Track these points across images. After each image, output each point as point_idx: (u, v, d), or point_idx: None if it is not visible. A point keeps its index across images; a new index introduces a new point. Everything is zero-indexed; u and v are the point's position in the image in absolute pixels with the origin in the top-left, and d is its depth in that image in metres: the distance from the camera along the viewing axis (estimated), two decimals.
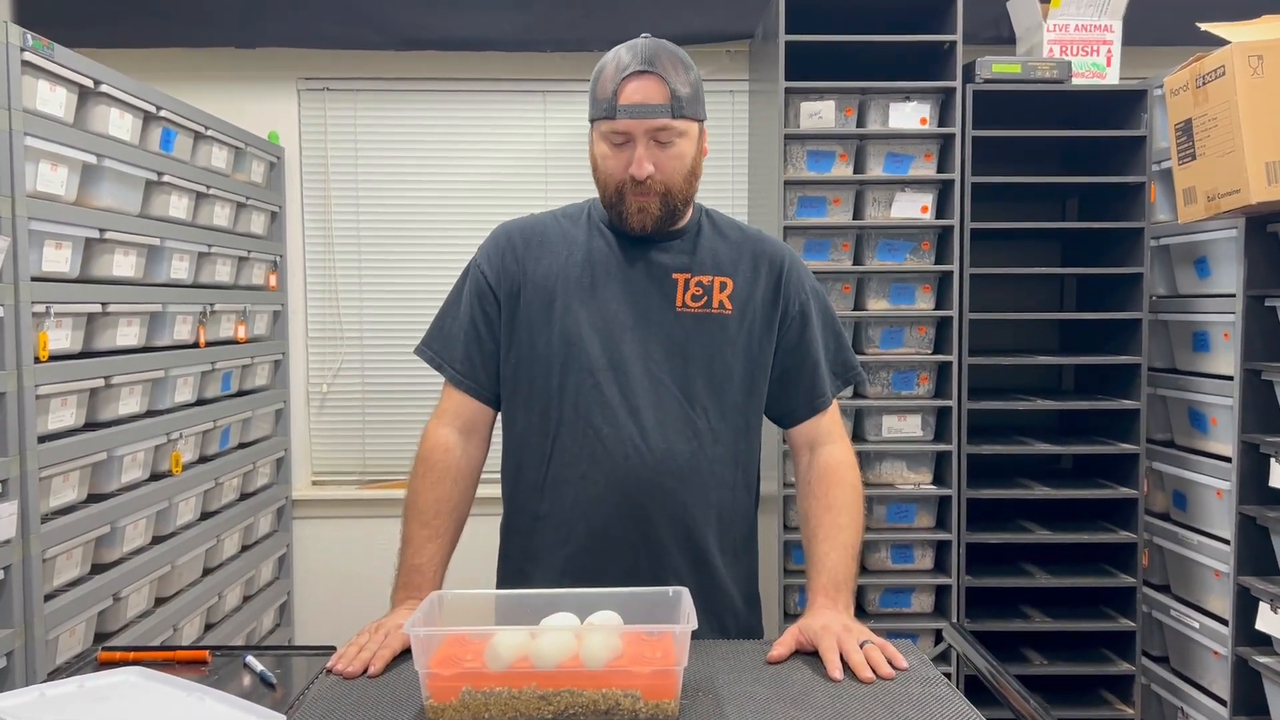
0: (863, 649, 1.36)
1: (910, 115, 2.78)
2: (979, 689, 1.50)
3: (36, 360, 1.93)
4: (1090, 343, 3.07)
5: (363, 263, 3.43)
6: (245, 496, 3.02)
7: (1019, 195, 3.06)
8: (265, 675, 1.36)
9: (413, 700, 1.24)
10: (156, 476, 2.45)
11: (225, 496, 2.86)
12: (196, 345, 2.67)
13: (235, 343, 2.92)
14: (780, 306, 1.58)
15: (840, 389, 1.66)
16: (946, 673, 2.25)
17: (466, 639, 1.25)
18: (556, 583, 1.50)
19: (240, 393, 3.00)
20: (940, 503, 2.85)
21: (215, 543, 2.74)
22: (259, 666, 1.39)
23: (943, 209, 2.82)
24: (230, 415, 2.86)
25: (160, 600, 2.47)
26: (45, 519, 1.98)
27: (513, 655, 1.19)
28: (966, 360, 2.79)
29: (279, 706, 1.22)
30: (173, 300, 2.50)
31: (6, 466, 1.84)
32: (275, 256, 3.26)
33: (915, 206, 2.80)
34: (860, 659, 1.34)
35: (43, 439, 1.97)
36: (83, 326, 2.14)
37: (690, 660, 1.22)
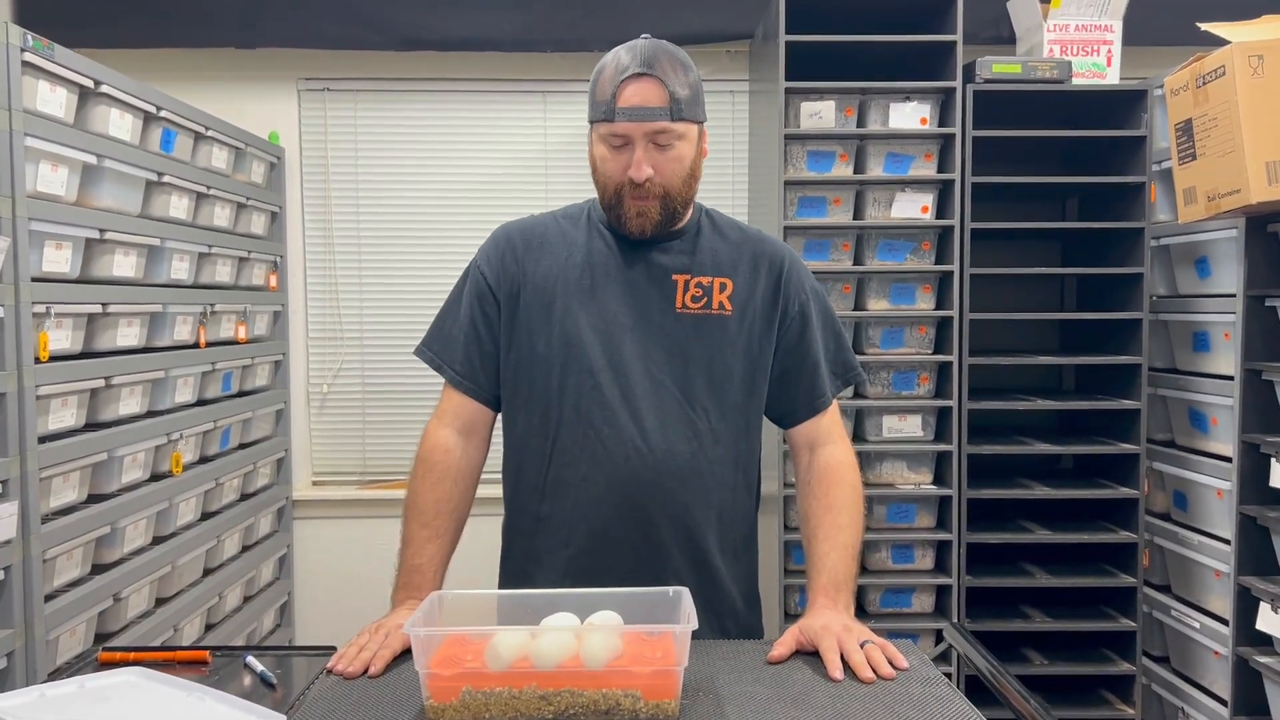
0: (863, 649, 1.36)
1: (910, 115, 2.78)
2: (979, 689, 1.50)
3: (37, 360, 1.93)
4: (1090, 343, 3.07)
5: (363, 263, 3.44)
6: (246, 497, 3.02)
7: (1019, 195, 3.06)
8: (266, 675, 1.36)
9: (413, 700, 1.24)
10: (157, 477, 2.45)
11: (226, 497, 2.86)
12: (197, 345, 2.67)
13: (235, 343, 2.92)
14: (780, 307, 1.58)
15: (840, 389, 1.66)
16: (947, 673, 2.25)
17: (467, 639, 1.25)
18: (558, 584, 1.50)
19: (240, 393, 3.00)
20: (940, 503, 2.86)
21: (216, 543, 2.74)
22: (259, 667, 1.39)
23: (943, 209, 2.82)
24: (231, 416, 2.86)
25: (161, 600, 2.47)
26: (45, 519, 1.98)
27: (513, 655, 1.19)
28: (967, 360, 2.79)
29: (279, 707, 1.22)
30: (173, 301, 2.50)
31: (7, 467, 1.84)
32: (275, 257, 3.26)
33: (915, 206, 2.80)
34: (861, 659, 1.34)
35: (43, 439, 1.97)
36: (83, 327, 2.14)
37: (690, 660, 1.22)
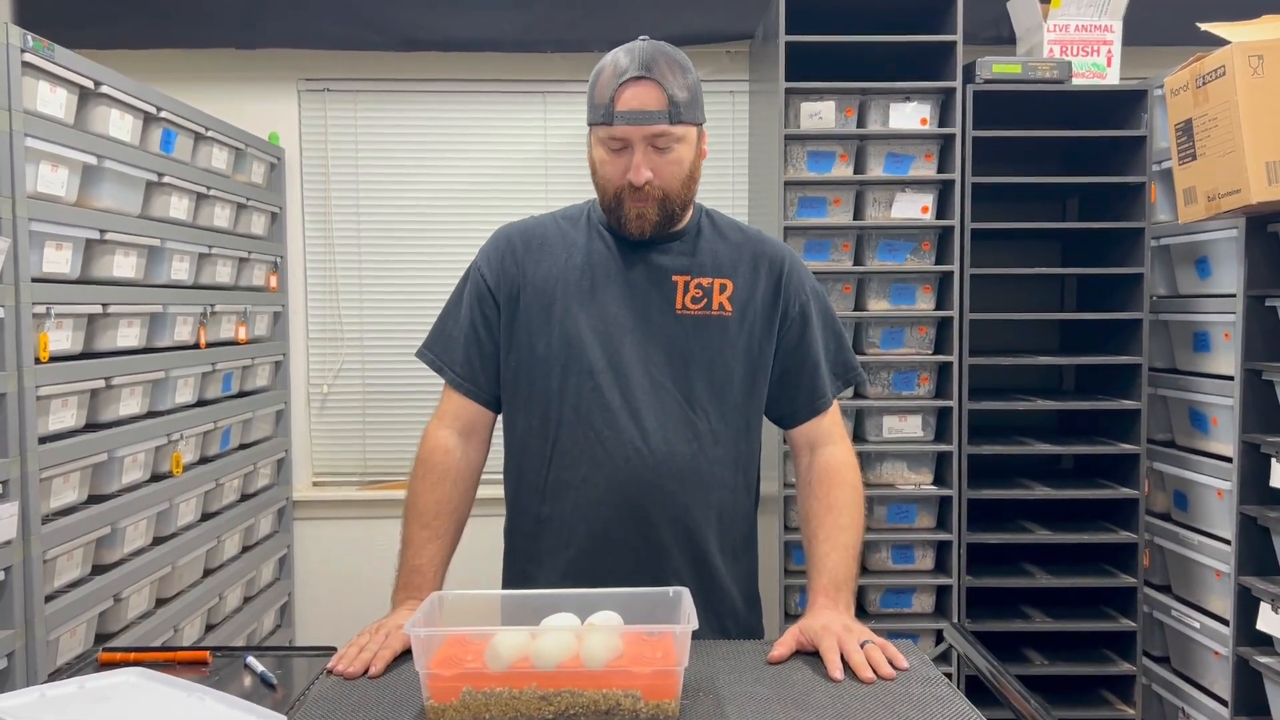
0: (863, 649, 1.36)
1: (910, 115, 2.78)
2: (980, 689, 1.50)
3: (37, 361, 1.93)
4: (1091, 343, 3.07)
5: (363, 263, 3.44)
6: (246, 497, 3.02)
7: (1019, 195, 3.06)
8: (266, 676, 1.36)
9: (413, 701, 1.24)
10: (157, 477, 2.45)
11: (226, 497, 2.86)
12: (197, 346, 2.67)
13: (236, 344, 2.92)
14: (780, 307, 1.58)
15: (841, 390, 1.66)
16: (947, 673, 2.25)
17: (467, 639, 1.25)
18: (559, 584, 1.50)
19: (241, 394, 3.00)
20: (941, 503, 2.85)
21: (216, 543, 2.74)
22: (260, 667, 1.39)
23: (943, 209, 2.82)
24: (231, 416, 2.86)
25: (161, 601, 2.47)
26: (46, 520, 1.98)
27: (513, 655, 1.19)
28: (967, 360, 2.79)
29: (280, 707, 1.22)
30: (173, 301, 2.50)
31: (7, 467, 1.84)
32: (276, 257, 3.26)
33: (915, 207, 2.80)
34: (861, 659, 1.34)
35: (43, 440, 1.97)
36: (83, 327, 2.14)
37: (691, 660, 1.22)
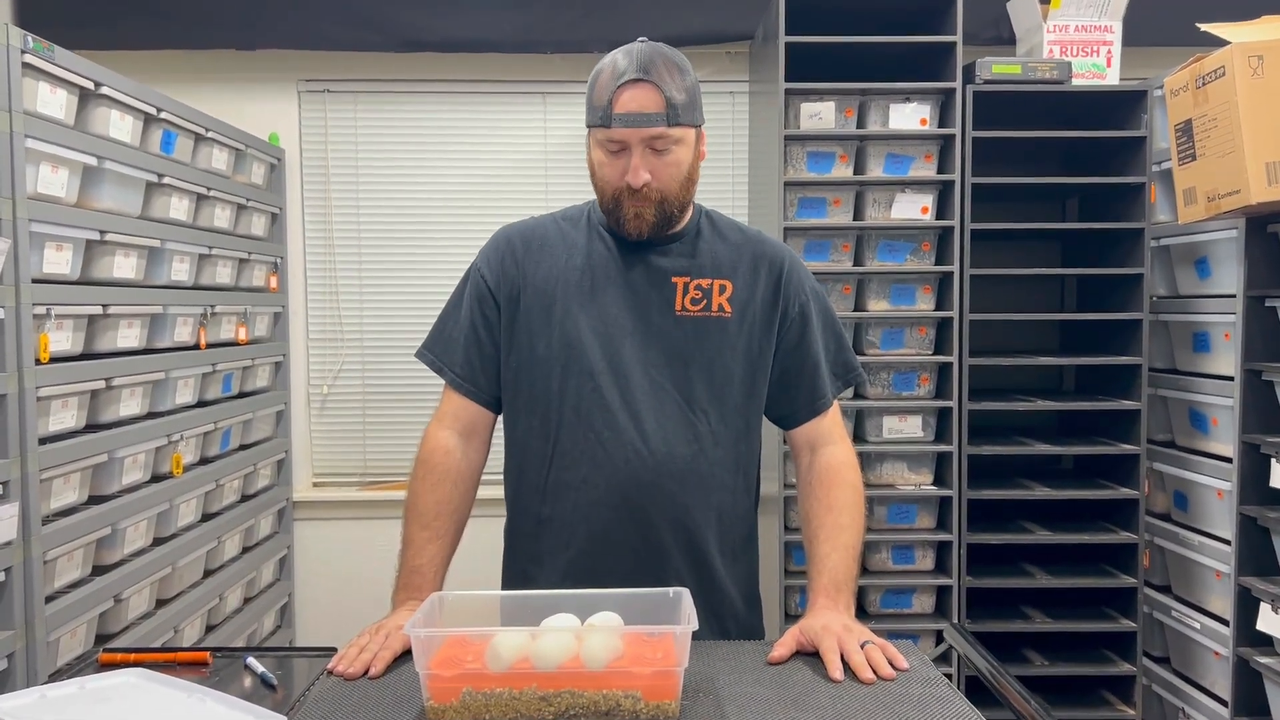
0: (863, 649, 1.36)
1: (910, 116, 2.78)
2: (980, 690, 1.50)
3: (37, 362, 1.93)
4: (1091, 343, 3.07)
5: (363, 264, 3.44)
6: (246, 498, 3.02)
7: (1019, 196, 3.06)
8: (266, 676, 1.36)
9: (413, 701, 1.24)
10: (157, 478, 2.45)
11: (226, 498, 2.86)
12: (197, 347, 2.67)
13: (236, 344, 2.92)
14: (780, 308, 1.58)
15: (841, 390, 1.66)
16: (947, 673, 2.25)
17: (467, 640, 1.25)
18: (559, 585, 1.50)
19: (241, 394, 3.01)
20: (941, 503, 2.85)
21: (216, 544, 2.74)
22: (260, 668, 1.39)
23: (943, 210, 2.82)
24: (231, 417, 2.86)
25: (161, 602, 2.47)
26: (46, 521, 1.98)
27: (513, 656, 1.19)
28: (967, 361, 2.79)
29: (280, 708, 1.22)
30: (173, 302, 2.51)
31: (7, 468, 1.84)
32: (276, 258, 3.27)
33: (915, 207, 2.80)
34: (861, 659, 1.34)
35: (44, 441, 1.97)
36: (83, 328, 2.15)
37: (691, 661, 1.22)
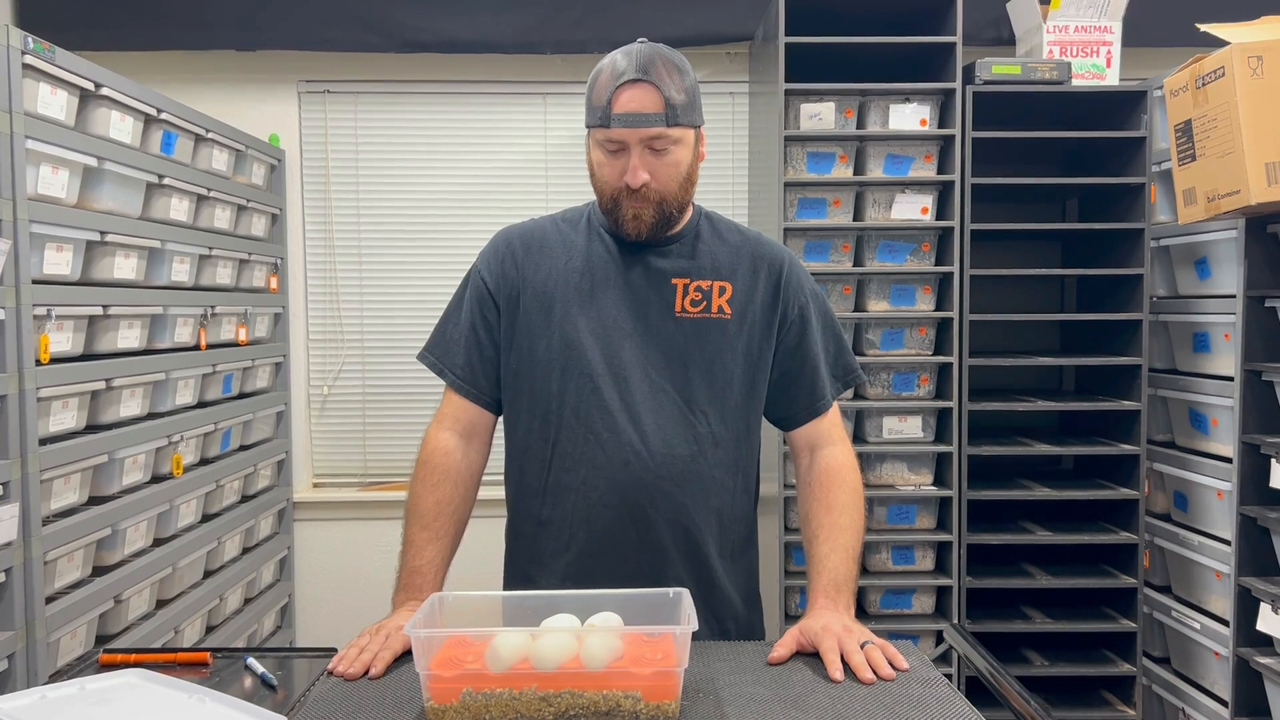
0: (863, 650, 1.36)
1: (910, 116, 2.78)
2: (980, 690, 1.50)
3: (38, 363, 1.93)
4: (1091, 344, 3.07)
5: (363, 265, 3.44)
6: (246, 499, 3.02)
7: (1019, 196, 3.06)
8: (266, 677, 1.37)
9: (413, 702, 1.24)
10: (157, 479, 2.46)
11: (226, 499, 2.86)
12: (197, 348, 2.67)
13: (236, 345, 2.92)
14: (779, 310, 1.58)
15: (840, 391, 1.66)
16: (947, 674, 2.25)
17: (467, 640, 1.25)
18: (559, 586, 1.50)
19: (241, 395, 3.01)
20: (941, 504, 2.86)
21: (216, 545, 2.74)
22: (260, 668, 1.39)
23: (943, 210, 2.82)
24: (231, 418, 2.86)
25: (161, 602, 2.47)
26: (46, 521, 1.98)
27: (513, 657, 1.19)
28: (967, 361, 2.79)
29: (280, 708, 1.22)
30: (174, 303, 2.51)
31: (8, 469, 1.84)
32: (276, 259, 3.27)
33: (915, 208, 2.80)
34: (861, 660, 1.34)
35: (44, 441, 1.97)
36: (84, 329, 2.15)
37: (691, 661, 1.22)
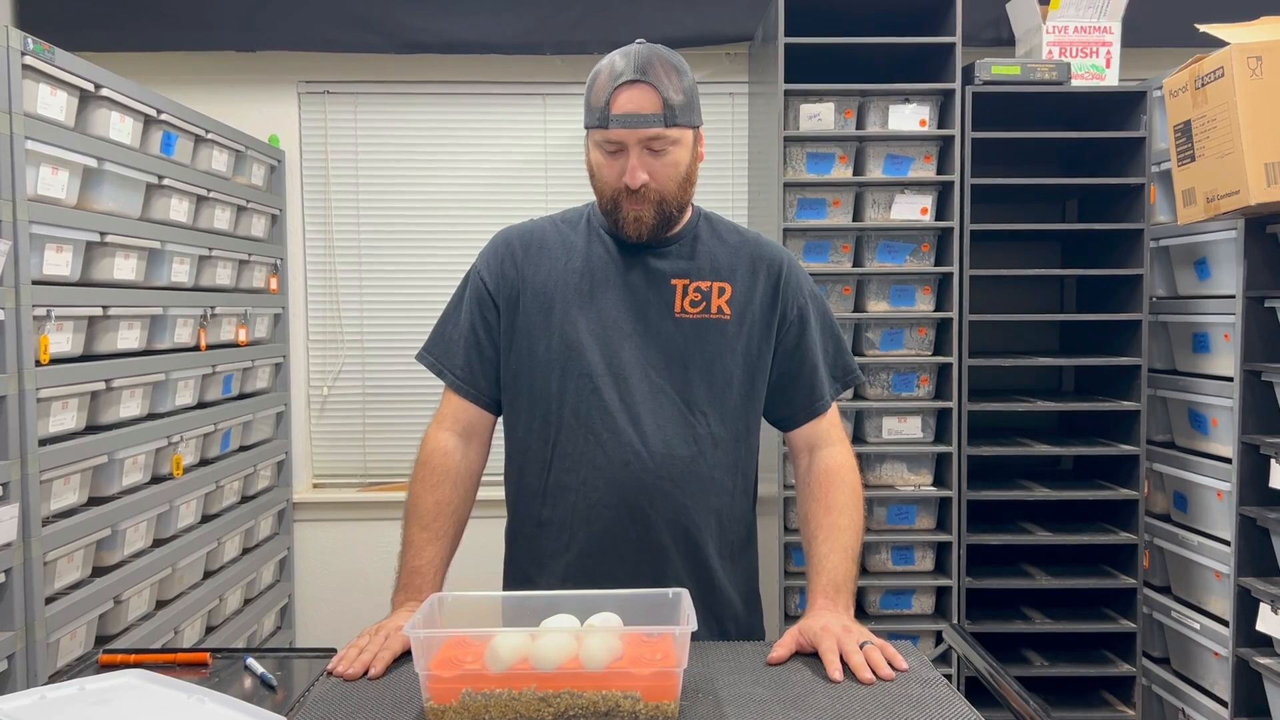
0: (863, 650, 1.36)
1: (909, 117, 2.78)
2: (979, 690, 1.50)
3: (37, 363, 1.93)
4: (1090, 344, 3.07)
5: (363, 266, 3.44)
6: (246, 499, 3.02)
7: (1019, 197, 3.06)
8: (266, 677, 1.37)
9: (413, 702, 1.24)
10: (157, 479, 2.46)
11: (226, 499, 2.86)
12: (197, 348, 2.67)
13: (236, 346, 2.93)
14: (779, 310, 1.59)
15: (839, 392, 1.66)
16: (947, 674, 2.25)
17: (467, 641, 1.25)
18: (559, 587, 1.50)
19: (241, 395, 3.01)
20: (940, 504, 2.86)
21: (216, 545, 2.74)
22: (260, 669, 1.39)
23: (942, 210, 2.82)
24: (231, 418, 2.86)
25: (161, 603, 2.47)
26: (46, 522, 1.98)
27: (513, 657, 1.19)
28: (966, 362, 2.80)
29: (280, 709, 1.22)
30: (173, 303, 2.51)
31: (7, 469, 1.84)
32: (276, 259, 3.27)
33: (915, 208, 2.80)
34: (860, 660, 1.34)
35: (44, 442, 1.97)
36: (84, 330, 2.15)
37: (690, 662, 1.22)
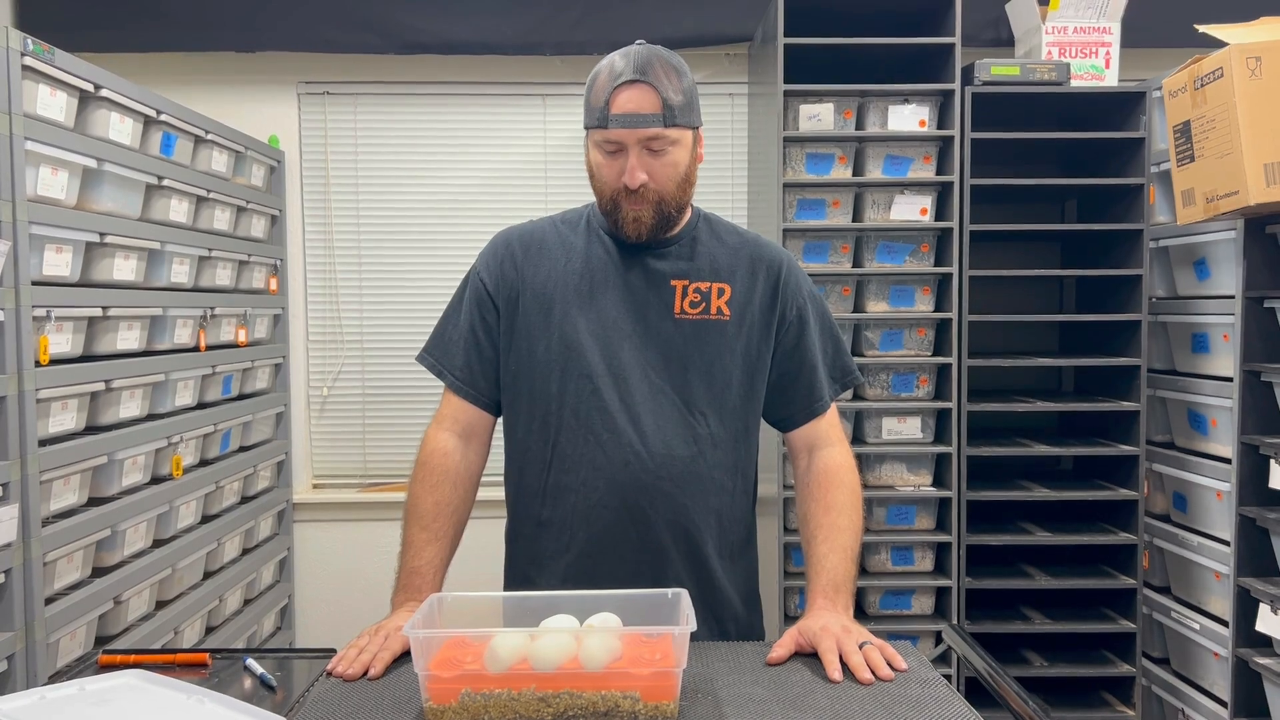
0: (862, 650, 1.36)
1: (909, 117, 2.78)
2: (979, 691, 1.51)
3: (37, 364, 1.93)
4: (1090, 344, 3.07)
5: (363, 266, 3.44)
6: (246, 500, 3.02)
7: (1018, 197, 3.06)
8: (265, 678, 1.37)
9: (412, 702, 1.24)
10: (157, 480, 2.46)
11: (226, 500, 2.86)
12: (197, 349, 2.67)
13: (236, 346, 2.93)
14: (778, 311, 1.59)
15: (838, 393, 1.66)
16: (946, 674, 2.25)
17: (466, 641, 1.25)
18: (559, 587, 1.50)
19: (241, 396, 3.01)
20: (940, 504, 2.86)
21: (216, 546, 2.74)
22: (259, 669, 1.39)
23: (942, 211, 2.82)
24: (231, 419, 2.86)
25: (161, 603, 2.47)
26: (46, 522, 1.98)
27: (512, 657, 1.19)
28: (966, 362, 2.80)
29: (279, 709, 1.22)
30: (173, 304, 2.51)
31: (7, 470, 1.84)
32: (275, 260, 3.27)
33: (914, 209, 2.81)
34: (859, 660, 1.34)
35: (43, 442, 1.97)
36: (83, 330, 2.15)
37: (690, 662, 1.22)
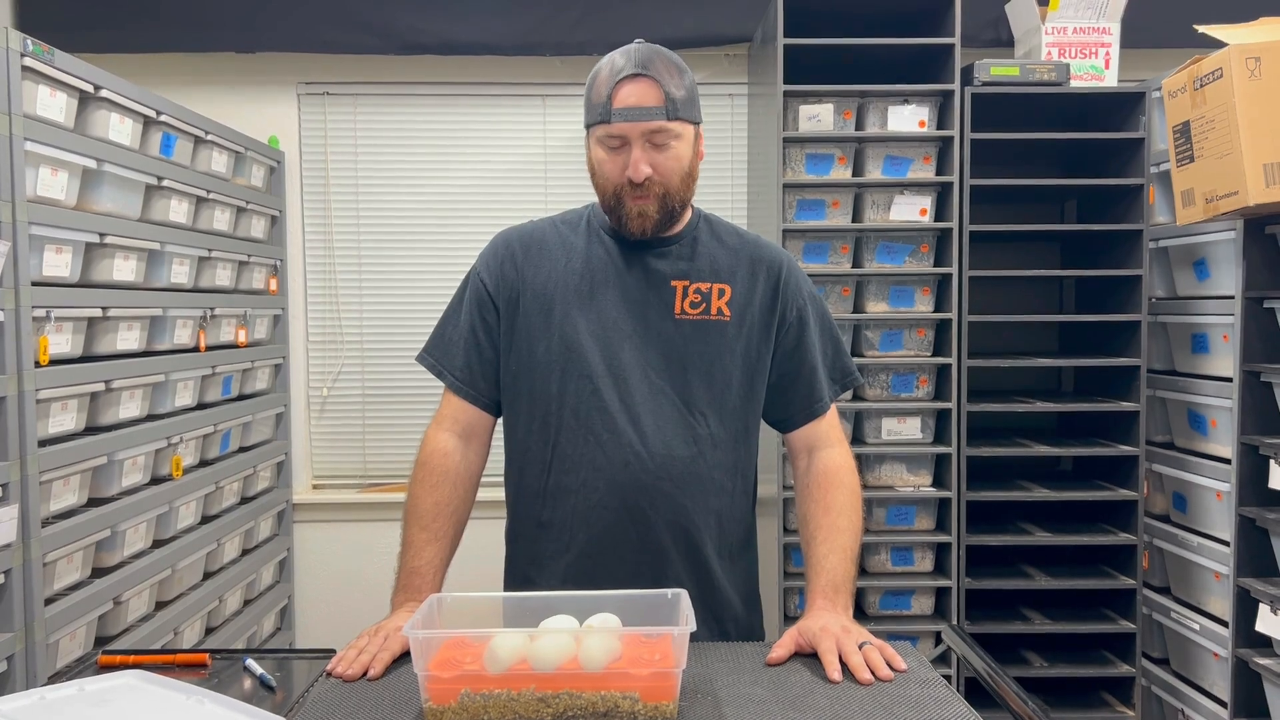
0: (861, 650, 1.36)
1: (909, 118, 2.79)
2: (978, 691, 1.51)
3: (37, 364, 1.93)
4: (1089, 345, 3.07)
5: (363, 267, 3.44)
6: (246, 500, 3.02)
7: (1018, 197, 3.06)
8: (265, 678, 1.37)
9: (412, 703, 1.24)
10: (157, 480, 2.46)
11: (226, 500, 2.87)
12: (197, 349, 2.67)
13: (235, 347, 2.93)
14: (778, 312, 1.59)
15: (838, 394, 1.66)
16: (946, 675, 2.25)
17: (466, 641, 1.25)
18: (559, 588, 1.50)
19: (240, 397, 3.01)
20: (940, 505, 2.86)
21: (216, 546, 2.74)
22: (259, 670, 1.39)
23: (942, 211, 2.82)
24: (231, 419, 2.86)
25: (161, 604, 2.47)
26: (46, 523, 1.98)
27: (511, 658, 1.19)
28: (966, 362, 2.80)
29: (279, 709, 1.22)
30: (173, 304, 2.51)
31: (7, 470, 1.84)
32: (275, 261, 3.27)
33: (914, 209, 2.81)
34: (859, 661, 1.34)
35: (43, 443, 1.98)
36: (83, 331, 2.15)
37: (689, 662, 1.22)
